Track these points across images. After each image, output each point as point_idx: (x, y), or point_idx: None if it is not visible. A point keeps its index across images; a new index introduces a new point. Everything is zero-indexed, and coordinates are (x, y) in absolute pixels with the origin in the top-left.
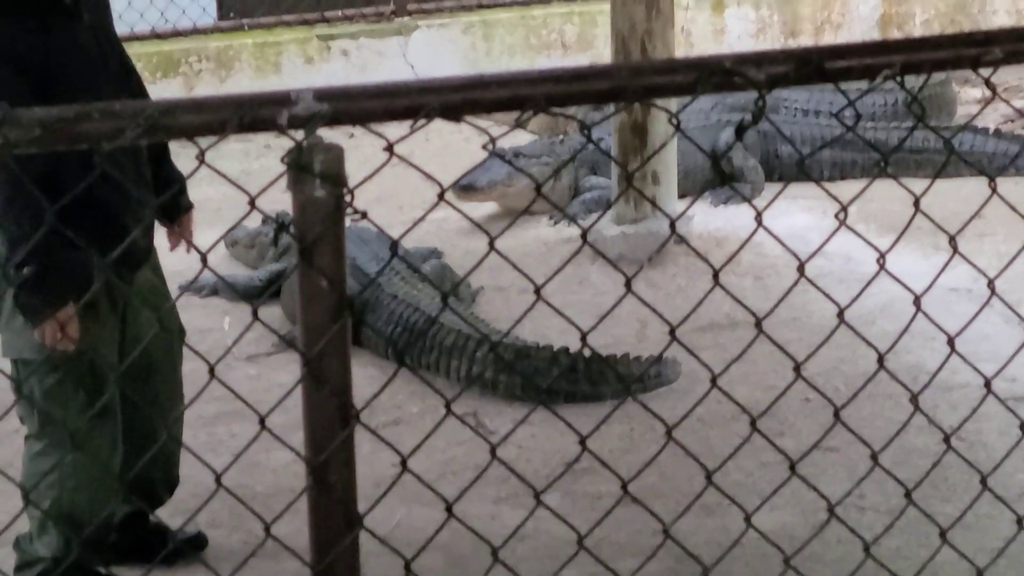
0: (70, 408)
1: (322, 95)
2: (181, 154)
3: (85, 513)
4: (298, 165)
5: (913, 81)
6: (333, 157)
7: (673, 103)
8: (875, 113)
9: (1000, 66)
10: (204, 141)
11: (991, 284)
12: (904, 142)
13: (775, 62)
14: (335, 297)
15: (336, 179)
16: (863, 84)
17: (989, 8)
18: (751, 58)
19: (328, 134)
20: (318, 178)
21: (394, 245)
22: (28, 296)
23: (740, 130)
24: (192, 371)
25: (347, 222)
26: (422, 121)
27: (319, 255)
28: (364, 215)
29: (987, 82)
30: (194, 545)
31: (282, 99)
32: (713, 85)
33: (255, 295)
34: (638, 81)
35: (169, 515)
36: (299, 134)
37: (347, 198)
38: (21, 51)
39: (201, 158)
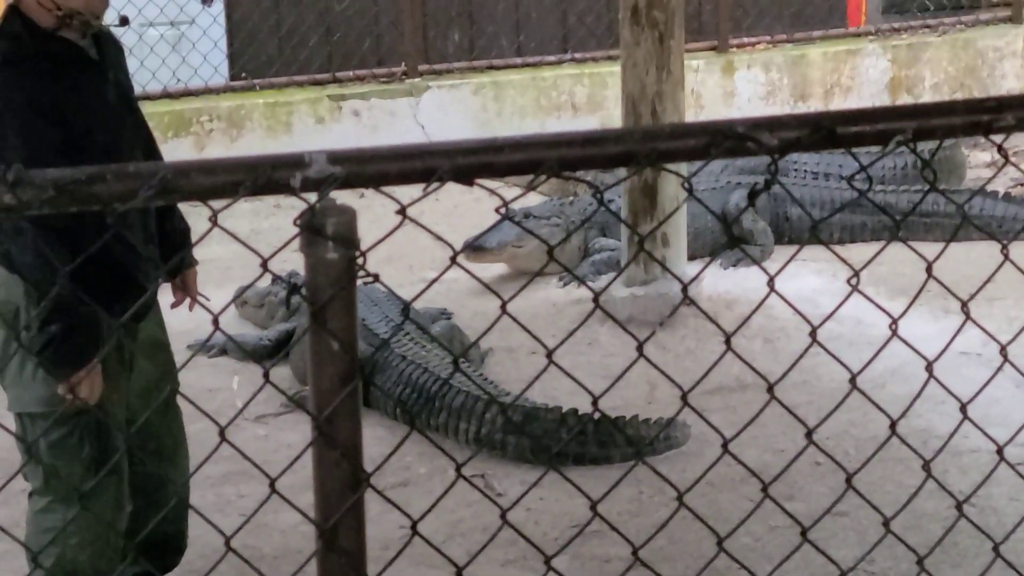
0: (75, 463)
1: (335, 158)
2: (192, 212)
3: (87, 572)
4: (311, 227)
5: (925, 146)
6: (345, 219)
7: (684, 166)
8: (885, 176)
9: (1012, 132)
10: (216, 203)
11: (1003, 350)
12: (901, 201)
13: (787, 127)
14: (346, 360)
15: (348, 241)
16: (875, 148)
17: (998, 72)
18: (764, 123)
19: (338, 193)
20: (330, 240)
21: (405, 308)
22: (57, 352)
23: (753, 195)
24: (200, 431)
25: (358, 283)
26: (435, 184)
27: (331, 317)
28: (376, 278)
29: (999, 148)
30: None
31: (296, 162)
32: (726, 150)
33: (264, 355)
34: (650, 145)
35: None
36: (311, 195)
37: (359, 260)
38: (56, 105)
39: (214, 220)
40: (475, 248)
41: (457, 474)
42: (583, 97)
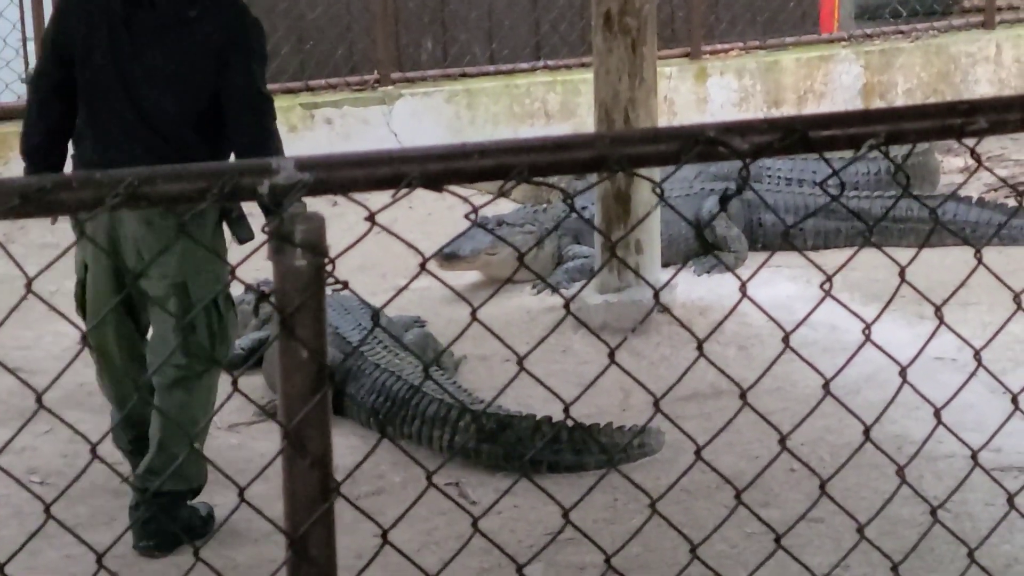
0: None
1: (303, 164)
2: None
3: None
4: (279, 235)
5: (898, 150)
6: (314, 227)
7: (657, 173)
8: (859, 182)
9: (984, 136)
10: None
11: (977, 355)
12: (875, 207)
13: (759, 132)
14: (315, 367)
15: (317, 248)
16: (847, 153)
17: (971, 77)
18: (735, 127)
19: (311, 202)
20: (299, 247)
21: (375, 315)
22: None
23: (724, 200)
24: None
25: (328, 291)
26: (404, 191)
27: (300, 325)
28: (345, 285)
29: (972, 152)
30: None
31: (263, 168)
32: (697, 155)
33: (237, 364)
34: (621, 150)
35: None
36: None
37: (328, 267)
38: (78, 24)
39: (183, 228)
40: (448, 256)
41: (428, 482)
42: (556, 104)
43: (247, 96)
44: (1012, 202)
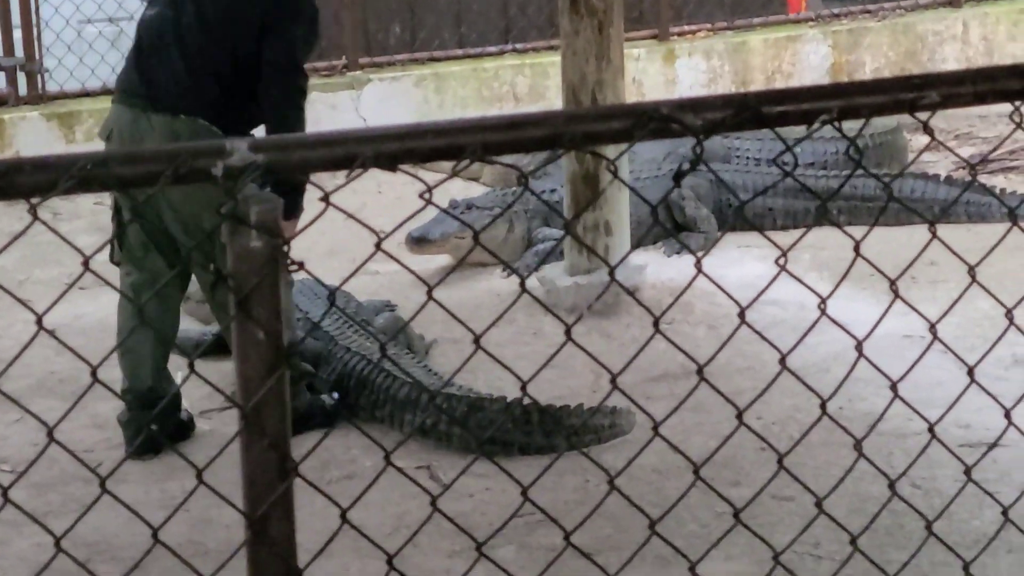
0: None
1: (257, 146)
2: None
3: None
4: (234, 216)
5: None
6: (269, 208)
7: (617, 152)
8: (827, 161)
9: (937, 110)
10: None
11: (933, 329)
12: (848, 184)
13: (712, 108)
14: (272, 348)
15: (272, 230)
16: (825, 131)
17: (939, 56)
18: (688, 104)
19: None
20: (254, 229)
21: (331, 295)
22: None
23: (678, 176)
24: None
25: (299, 277)
26: (357, 171)
27: (255, 306)
28: (301, 266)
29: (925, 126)
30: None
31: (217, 150)
32: (650, 131)
33: (209, 350)
34: (575, 128)
35: (119, 570)
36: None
37: (284, 249)
38: None
39: (139, 211)
40: (418, 240)
41: (386, 462)
42: (525, 88)
43: (279, 63)
44: (980, 180)
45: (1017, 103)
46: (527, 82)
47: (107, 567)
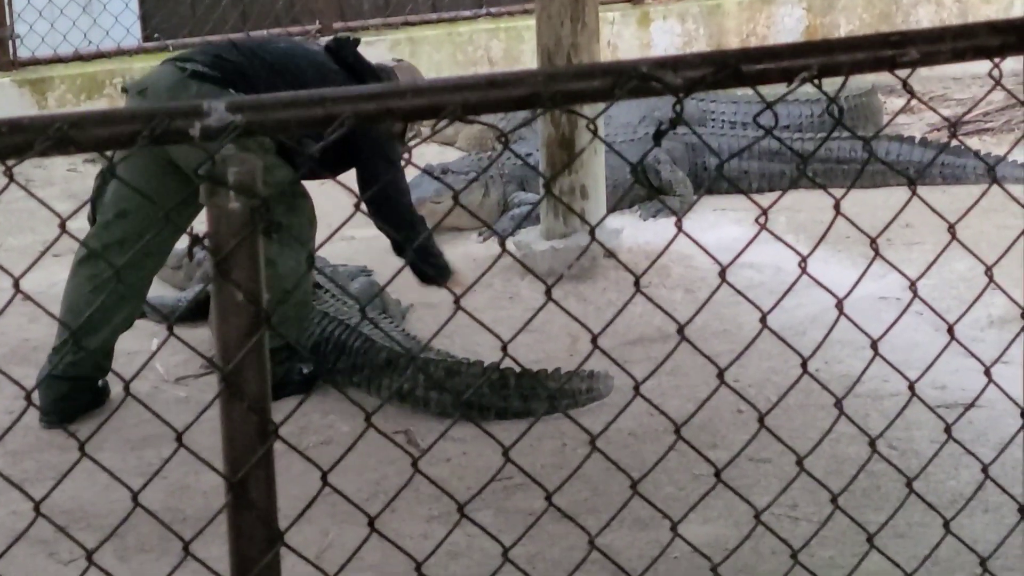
0: None
1: (235, 106)
2: (91, 172)
3: None
4: (212, 177)
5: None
6: (247, 169)
7: (595, 111)
8: (802, 124)
9: (917, 67)
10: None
11: (913, 288)
12: (824, 146)
13: (692, 66)
14: (251, 311)
15: (251, 191)
16: (784, 91)
17: (912, 19)
18: (668, 62)
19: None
20: (232, 190)
21: (310, 259)
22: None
23: (658, 135)
24: (119, 394)
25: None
26: (337, 132)
27: (234, 268)
28: (279, 227)
29: (904, 84)
30: None
31: (194, 111)
32: (630, 90)
33: (184, 316)
34: (555, 87)
35: (96, 539)
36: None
37: (262, 210)
38: None
39: (112, 171)
40: None
41: (367, 423)
42: (499, 52)
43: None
44: (955, 142)
45: (996, 60)
46: (501, 46)
47: (84, 535)
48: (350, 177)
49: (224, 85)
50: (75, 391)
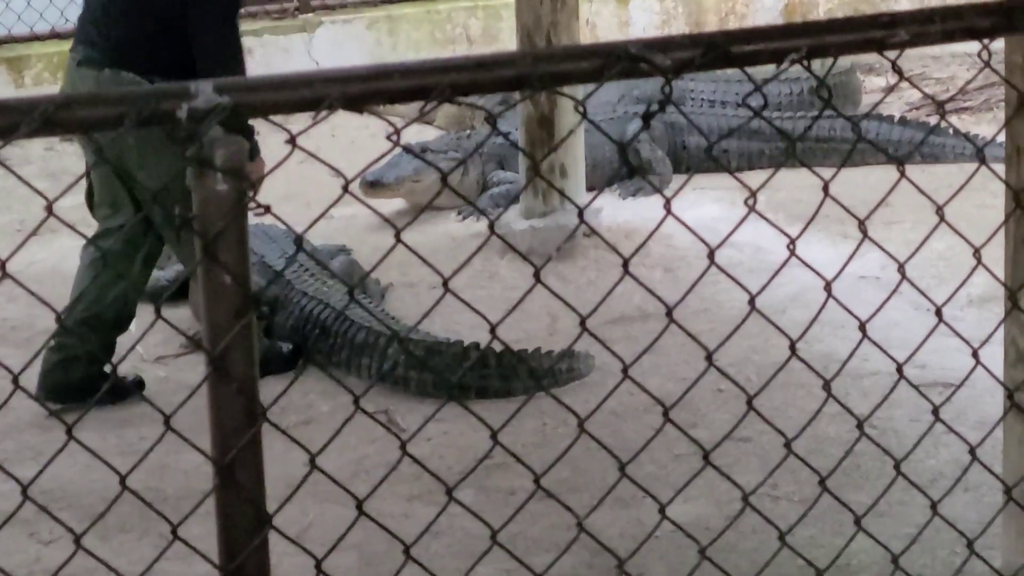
0: None
1: (222, 87)
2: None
3: None
4: (199, 159)
5: (819, 67)
6: (235, 151)
7: (580, 92)
8: (781, 103)
9: (906, 48)
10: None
11: (901, 269)
12: (811, 129)
13: (681, 47)
14: (239, 293)
15: (238, 173)
16: (770, 71)
17: None
18: (657, 43)
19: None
20: (220, 172)
21: (298, 239)
22: None
23: (647, 117)
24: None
25: (252, 218)
26: (324, 113)
27: (222, 250)
28: (267, 209)
29: (894, 65)
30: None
31: (181, 92)
32: (619, 72)
33: (165, 295)
34: (543, 68)
35: (78, 520)
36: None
37: (250, 192)
38: None
39: (100, 154)
40: (372, 183)
41: (356, 406)
42: (478, 30)
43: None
44: (934, 121)
45: (985, 41)
46: (480, 24)
47: (65, 514)
48: (328, 156)
49: (105, 60)
50: (75, 371)
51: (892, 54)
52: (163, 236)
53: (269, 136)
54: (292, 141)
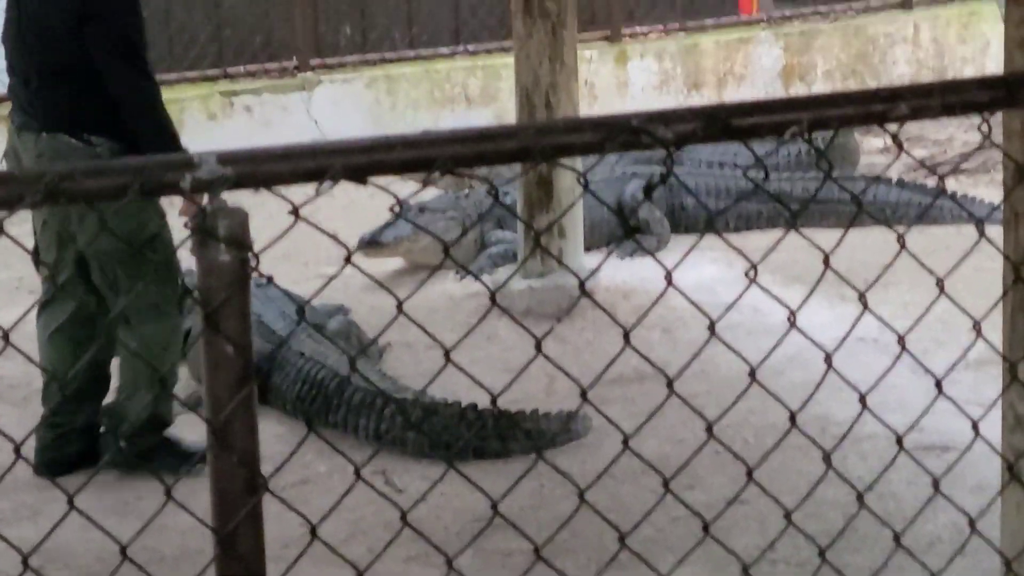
0: None
1: (226, 158)
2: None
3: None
4: (202, 229)
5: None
6: (238, 221)
7: (579, 161)
8: (779, 164)
9: (906, 121)
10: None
11: (901, 341)
12: (801, 186)
13: (683, 120)
14: (241, 363)
15: (241, 243)
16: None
17: (889, 58)
18: (658, 116)
19: (233, 191)
20: (222, 242)
21: (300, 310)
22: None
23: (649, 189)
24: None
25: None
26: (327, 184)
27: (224, 320)
28: (270, 280)
29: (894, 138)
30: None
31: (185, 163)
32: (621, 144)
33: None
34: (545, 140)
35: None
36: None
37: (252, 262)
38: None
39: (103, 224)
40: (370, 244)
41: (357, 476)
42: (477, 89)
43: (114, 51)
44: (931, 182)
45: (985, 114)
46: (479, 84)
47: (60, 574)
48: (326, 218)
49: (40, 124)
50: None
51: (892, 125)
52: (105, 297)
53: (268, 197)
54: (295, 212)
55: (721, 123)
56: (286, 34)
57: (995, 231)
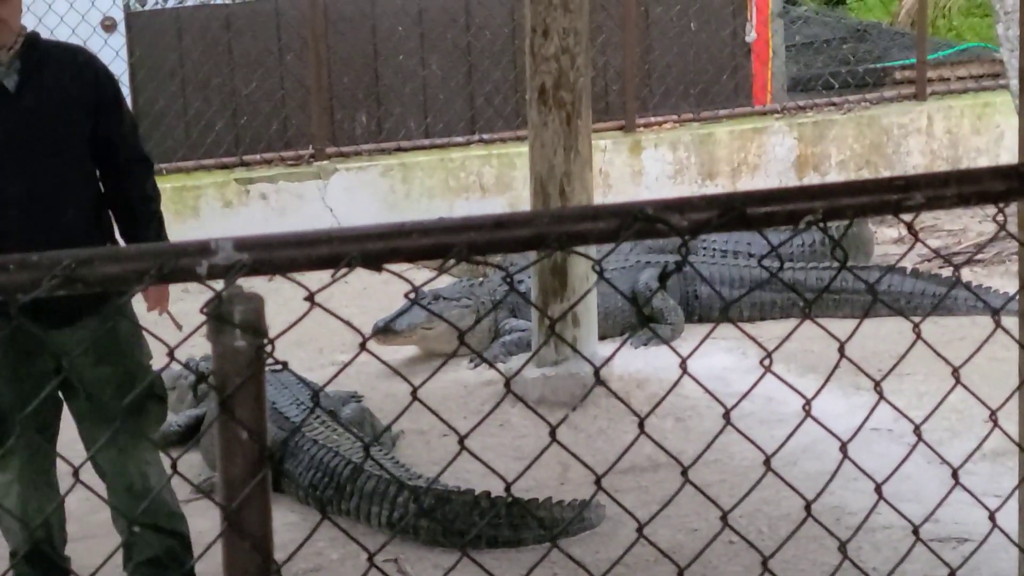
0: None
1: (242, 245)
2: None
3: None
4: (218, 316)
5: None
6: (253, 307)
7: (594, 249)
8: (793, 253)
9: (921, 211)
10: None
11: (917, 430)
12: (815, 276)
13: (698, 209)
14: (256, 449)
15: (256, 329)
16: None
17: (903, 149)
18: (674, 205)
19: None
20: (238, 328)
21: (315, 396)
22: None
23: (663, 277)
24: (107, 519)
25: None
26: (343, 271)
27: (239, 406)
28: (285, 365)
29: (909, 227)
30: None
31: (201, 249)
32: (636, 232)
33: (175, 441)
34: (560, 228)
35: None
36: (219, 283)
37: (267, 348)
38: None
39: (119, 311)
40: (385, 330)
41: (369, 563)
42: (491, 178)
43: (137, 147)
44: (946, 272)
45: (1000, 205)
46: (494, 172)
47: None
48: (340, 303)
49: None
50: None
51: (907, 215)
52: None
53: (283, 282)
54: (311, 299)
55: (736, 212)
56: (302, 122)
57: (1010, 321)
